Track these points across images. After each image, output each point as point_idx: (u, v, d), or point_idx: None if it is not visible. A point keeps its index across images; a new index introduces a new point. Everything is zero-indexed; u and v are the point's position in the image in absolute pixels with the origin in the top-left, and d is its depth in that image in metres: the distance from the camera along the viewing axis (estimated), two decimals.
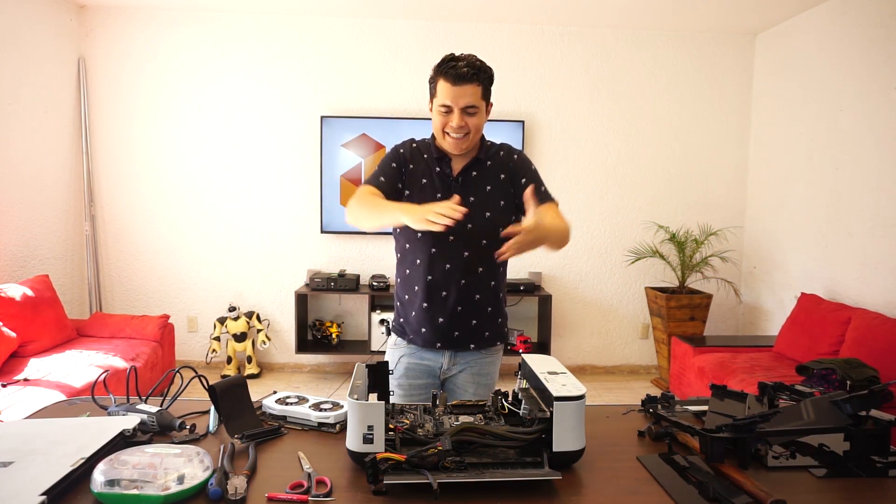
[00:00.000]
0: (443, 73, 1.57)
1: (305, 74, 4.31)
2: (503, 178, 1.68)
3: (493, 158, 1.70)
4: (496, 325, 1.74)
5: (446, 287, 1.65)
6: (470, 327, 1.68)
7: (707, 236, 4.28)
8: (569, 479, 1.04)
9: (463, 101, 1.56)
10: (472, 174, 1.67)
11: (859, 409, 1.13)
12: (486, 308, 1.69)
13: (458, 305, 1.65)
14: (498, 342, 1.76)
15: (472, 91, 1.57)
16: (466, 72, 1.55)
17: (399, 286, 1.75)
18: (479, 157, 1.67)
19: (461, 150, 1.63)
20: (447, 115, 1.58)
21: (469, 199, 1.62)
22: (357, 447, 1.02)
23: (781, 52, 4.17)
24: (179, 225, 4.37)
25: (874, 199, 3.32)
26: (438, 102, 1.59)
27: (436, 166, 1.67)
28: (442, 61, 1.58)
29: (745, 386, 2.99)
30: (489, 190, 1.66)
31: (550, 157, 4.46)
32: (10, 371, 2.88)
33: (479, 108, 1.59)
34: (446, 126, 1.59)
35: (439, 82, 1.58)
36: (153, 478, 0.92)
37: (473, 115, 1.59)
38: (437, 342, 1.68)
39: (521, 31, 4.35)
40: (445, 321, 1.66)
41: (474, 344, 1.70)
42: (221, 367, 4.35)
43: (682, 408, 1.33)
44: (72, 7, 4.10)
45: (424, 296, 1.66)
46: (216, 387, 1.21)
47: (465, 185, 1.65)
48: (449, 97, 1.56)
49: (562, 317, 4.55)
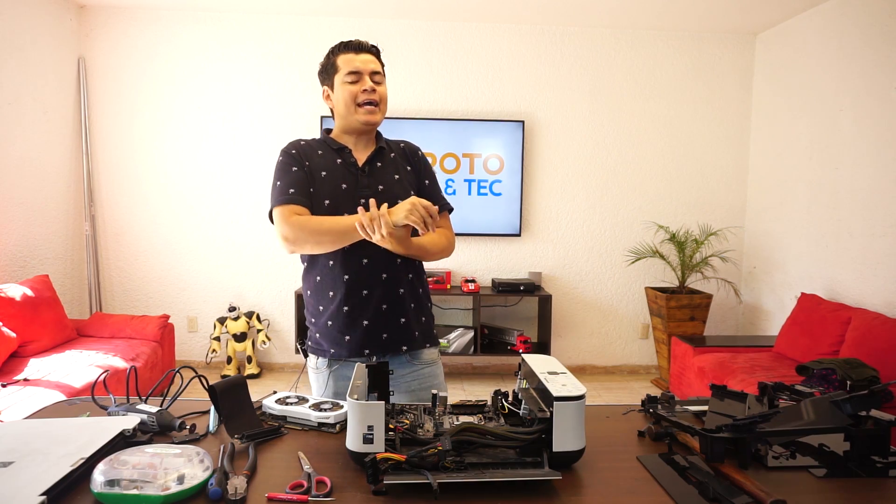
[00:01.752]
0: (342, 49, 1.56)
1: (306, 74, 4.31)
2: (409, 169, 1.64)
3: (396, 150, 1.66)
4: (422, 323, 1.61)
5: (367, 284, 1.51)
6: (398, 327, 1.55)
7: (707, 236, 4.28)
8: (569, 479, 1.04)
9: (371, 65, 1.54)
10: (377, 164, 1.59)
11: (859, 409, 1.13)
12: (411, 304, 1.57)
13: (383, 303, 1.53)
14: (428, 344, 1.61)
15: (374, 60, 1.56)
16: (364, 42, 1.57)
17: (309, 300, 1.60)
18: (382, 147, 1.61)
19: (375, 121, 1.56)
20: (357, 84, 1.53)
21: (378, 188, 1.55)
22: (357, 447, 1.02)
23: (781, 52, 4.17)
24: (179, 225, 4.37)
25: (874, 199, 3.32)
26: (344, 73, 1.54)
27: (337, 158, 1.57)
28: (336, 44, 1.59)
29: (745, 386, 2.99)
30: (397, 178, 1.59)
31: (550, 157, 4.46)
32: (10, 371, 2.88)
33: (383, 76, 1.58)
34: (359, 95, 1.53)
35: (339, 57, 1.56)
36: (153, 478, 0.92)
37: (381, 84, 1.56)
38: (364, 348, 1.52)
39: (521, 31, 4.35)
40: (371, 322, 1.52)
41: (406, 345, 1.56)
42: (221, 367, 4.35)
43: (682, 408, 1.33)
44: (72, 7, 4.10)
45: (344, 298, 1.51)
46: (216, 387, 1.21)
47: (371, 175, 1.57)
48: (356, 63, 1.53)
49: (562, 317, 4.55)
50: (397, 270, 1.54)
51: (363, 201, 1.51)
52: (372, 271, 1.52)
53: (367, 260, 1.51)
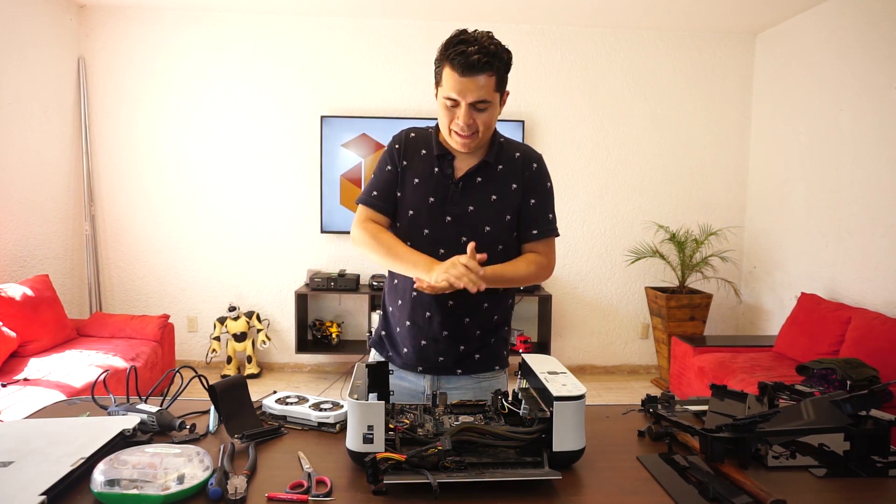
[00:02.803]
0: (449, 59, 1.31)
1: (305, 74, 4.31)
2: (514, 188, 1.45)
3: (507, 162, 1.46)
4: (489, 347, 1.50)
5: (430, 307, 1.44)
6: (456, 353, 1.47)
7: (707, 236, 4.27)
8: (569, 479, 1.04)
9: (472, 95, 1.31)
10: (475, 179, 1.43)
11: (859, 409, 1.13)
12: (476, 332, 1.47)
13: (444, 329, 1.44)
14: (496, 367, 1.52)
15: (484, 82, 1.31)
16: (478, 59, 1.28)
17: (387, 294, 1.56)
18: (486, 161, 1.43)
19: (469, 150, 1.41)
20: (453, 110, 1.35)
21: (468, 209, 1.42)
22: (357, 447, 1.02)
23: (781, 52, 4.17)
24: (179, 225, 4.37)
25: (874, 199, 3.32)
26: (443, 94, 1.35)
27: (435, 165, 1.44)
28: (450, 42, 1.32)
29: (745, 386, 2.99)
30: (494, 200, 1.43)
31: (550, 157, 4.45)
32: (10, 371, 2.88)
33: (491, 102, 1.34)
34: (452, 123, 1.36)
35: (445, 69, 1.33)
36: (153, 478, 0.92)
37: (484, 112, 1.35)
38: (418, 366, 1.48)
39: (521, 31, 4.35)
40: (429, 345, 1.46)
41: (461, 369, 1.48)
42: (221, 367, 4.35)
43: (682, 408, 1.33)
44: (72, 7, 4.09)
45: (408, 313, 1.46)
46: (216, 387, 1.21)
47: (465, 192, 1.43)
48: (455, 90, 1.31)
49: (562, 317, 4.55)
50: (467, 300, 1.41)
51: (448, 219, 1.42)
52: (438, 295, 1.40)
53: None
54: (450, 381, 1.49)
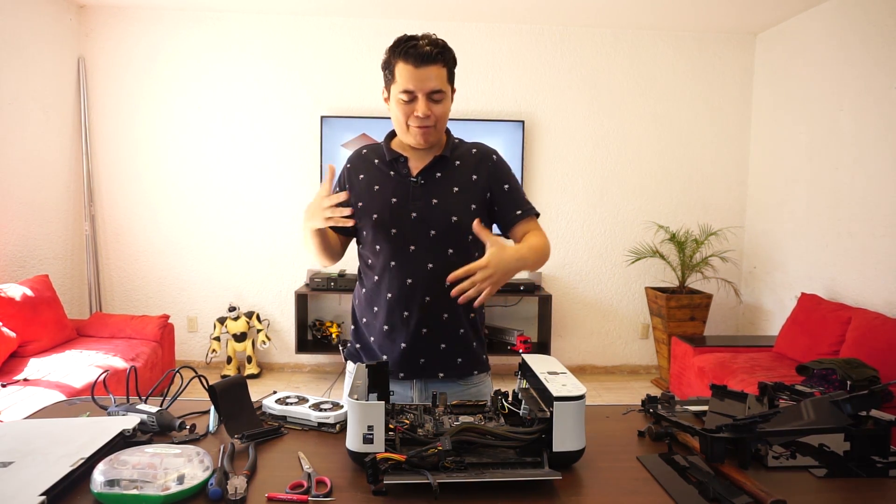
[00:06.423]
0: (402, 55, 1.35)
1: (305, 74, 4.31)
2: (475, 178, 1.48)
3: (463, 157, 1.50)
4: (471, 350, 1.50)
5: (408, 306, 1.43)
6: (437, 352, 1.45)
7: (707, 236, 4.27)
8: (569, 479, 1.04)
9: (428, 84, 1.35)
10: (434, 174, 1.46)
11: (859, 409, 1.13)
12: (458, 329, 1.46)
13: (423, 327, 1.43)
14: (476, 371, 1.51)
15: (437, 73, 1.36)
16: (430, 50, 1.34)
17: (357, 307, 1.56)
18: (443, 155, 1.46)
19: (428, 143, 1.43)
20: (410, 104, 1.38)
21: (431, 202, 1.43)
22: (357, 447, 1.02)
23: (781, 52, 4.17)
24: (179, 225, 4.37)
25: (874, 199, 3.32)
26: (399, 89, 1.37)
27: (391, 170, 1.47)
28: (398, 41, 1.37)
29: (745, 386, 2.99)
30: (456, 191, 1.45)
31: (550, 157, 4.46)
32: (10, 371, 2.88)
33: (445, 92, 1.39)
34: (410, 116, 1.39)
35: (398, 65, 1.36)
36: (153, 478, 0.92)
37: (439, 103, 1.39)
38: (399, 371, 1.45)
39: (521, 31, 4.35)
40: (408, 346, 1.44)
41: (443, 373, 1.46)
42: (221, 367, 4.35)
43: (682, 408, 1.33)
44: (72, 7, 4.09)
45: (385, 317, 1.45)
46: (216, 387, 1.21)
47: (426, 187, 1.44)
48: (412, 82, 1.35)
49: (562, 317, 4.55)
50: (442, 294, 1.37)
51: (414, 216, 1.43)
52: (414, 293, 1.43)
53: (411, 280, 1.43)
54: (434, 387, 1.44)
